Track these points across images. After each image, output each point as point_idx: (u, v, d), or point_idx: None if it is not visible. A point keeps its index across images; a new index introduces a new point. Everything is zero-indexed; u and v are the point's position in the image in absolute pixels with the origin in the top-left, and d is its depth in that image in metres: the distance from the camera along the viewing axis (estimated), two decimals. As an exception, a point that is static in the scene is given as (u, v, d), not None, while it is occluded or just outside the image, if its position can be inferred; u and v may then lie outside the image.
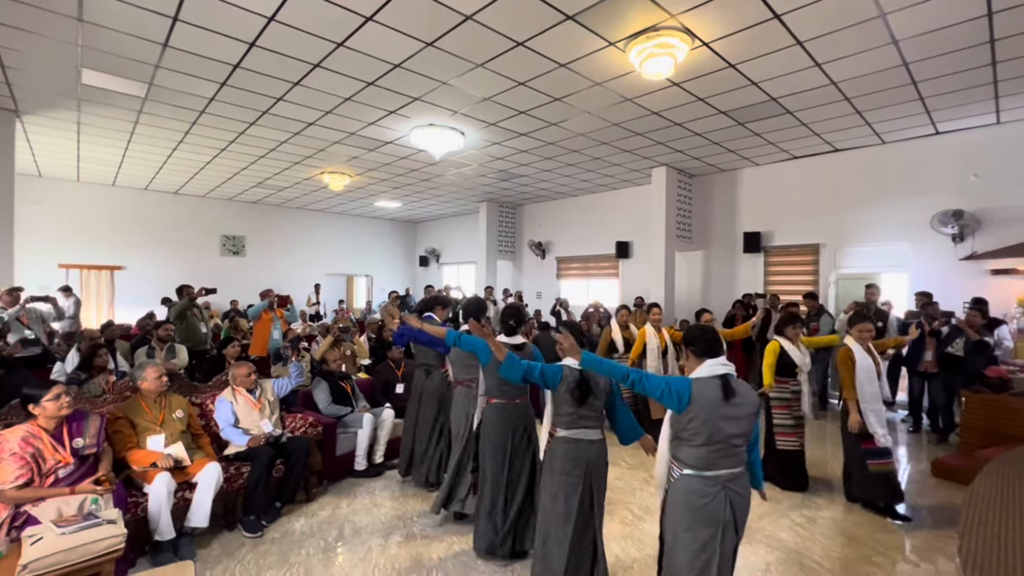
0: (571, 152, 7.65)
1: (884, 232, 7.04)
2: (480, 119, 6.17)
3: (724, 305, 8.09)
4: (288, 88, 5.25)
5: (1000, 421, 4.50)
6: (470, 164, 8.43)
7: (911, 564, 3.05)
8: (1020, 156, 5.96)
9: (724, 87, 5.14)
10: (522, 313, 3.15)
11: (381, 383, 5.05)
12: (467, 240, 13.50)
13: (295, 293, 10.62)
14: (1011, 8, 3.65)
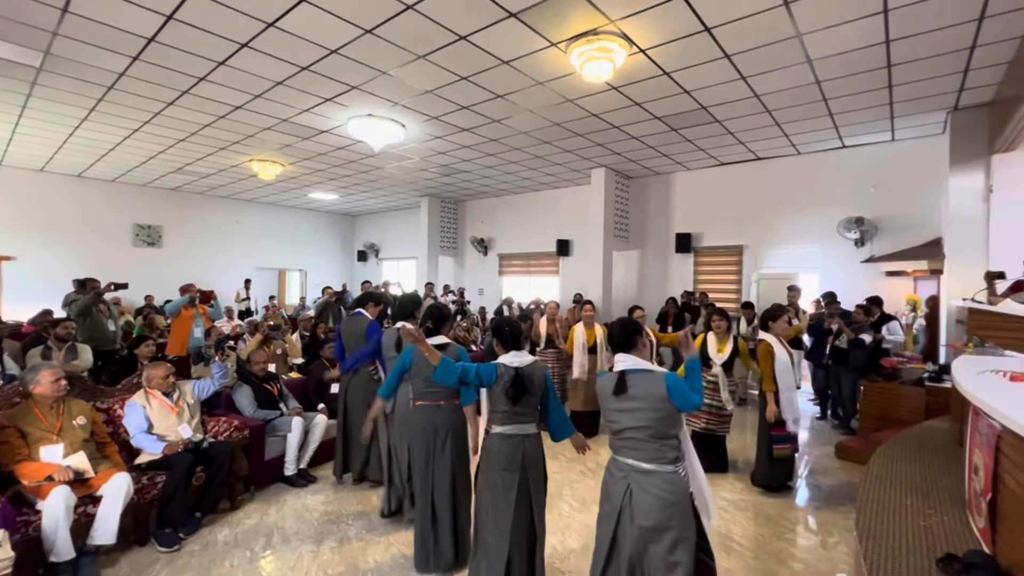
0: (514, 150, 7.68)
1: (799, 236, 7.66)
2: (422, 112, 6.05)
3: (658, 302, 8.47)
4: (211, 68, 4.87)
5: (892, 407, 5.04)
6: (411, 157, 8.25)
7: (817, 538, 3.35)
8: (911, 171, 6.69)
9: (659, 94, 5.36)
10: (444, 313, 3.06)
11: (314, 383, 4.84)
12: (408, 235, 13.22)
13: (221, 288, 9.94)
14: (906, 37, 4.07)
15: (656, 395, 2.05)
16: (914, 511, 2.43)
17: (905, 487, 2.73)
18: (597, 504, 3.73)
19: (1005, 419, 1.77)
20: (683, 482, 2.04)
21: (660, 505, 1.99)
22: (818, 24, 3.90)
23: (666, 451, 2.05)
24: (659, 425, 2.04)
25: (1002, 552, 1.87)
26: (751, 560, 3.05)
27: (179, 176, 9.89)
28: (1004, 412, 1.78)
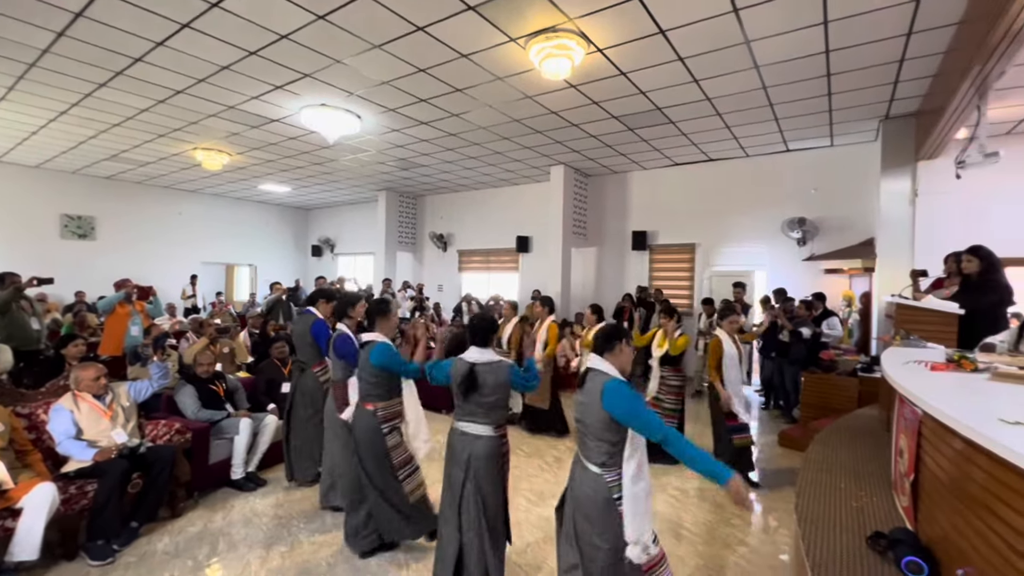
0: (473, 145, 7.63)
1: (747, 235, 8.01)
2: (378, 103, 5.90)
3: (615, 299, 8.65)
4: (149, 48, 4.56)
5: (829, 397, 5.36)
6: (368, 150, 8.04)
7: (761, 522, 3.53)
8: (847, 175, 7.12)
9: (616, 93, 5.45)
10: (380, 308, 2.96)
11: (264, 382, 4.65)
12: (365, 230, 12.91)
13: (163, 284, 9.39)
14: (843, 48, 4.32)
15: (594, 392, 2.05)
16: (847, 493, 2.60)
17: (839, 471, 2.91)
18: (555, 499, 3.79)
19: (926, 405, 1.91)
20: (605, 487, 2.01)
21: (585, 501, 2.05)
22: (765, 32, 4.08)
23: (596, 454, 2.05)
24: (596, 426, 2.03)
25: (922, 528, 2.02)
26: (700, 546, 3.17)
27: (114, 164, 9.23)
28: (925, 399, 1.92)
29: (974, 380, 2.29)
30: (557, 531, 2.26)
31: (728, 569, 2.93)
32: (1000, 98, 4.90)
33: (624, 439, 2.02)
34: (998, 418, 1.58)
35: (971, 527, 1.61)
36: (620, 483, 2.01)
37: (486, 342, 2.50)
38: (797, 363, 6.02)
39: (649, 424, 1.95)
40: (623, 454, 2.02)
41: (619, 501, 2.01)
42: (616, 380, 2.06)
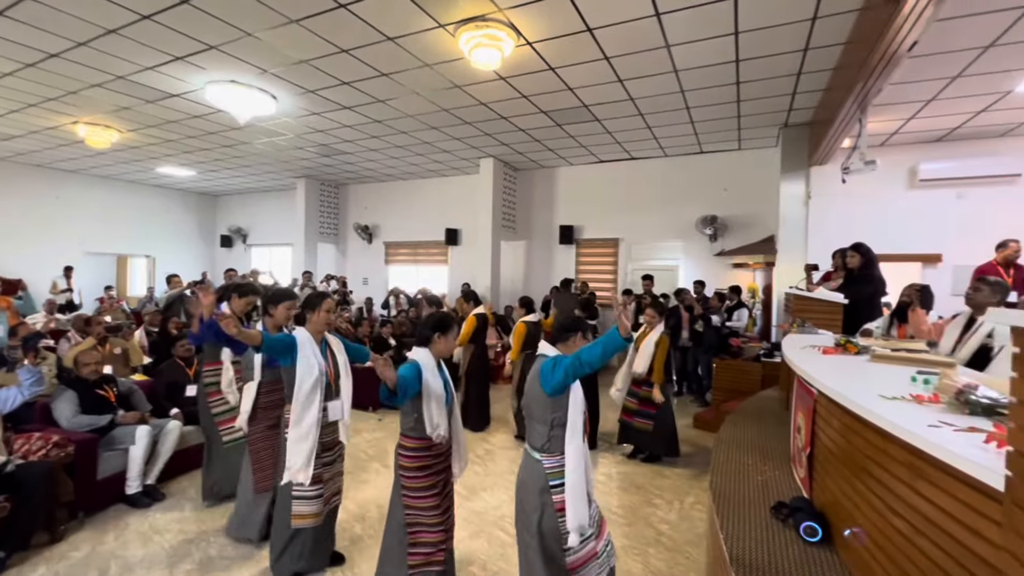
0: (400, 133, 7.39)
1: (665, 231, 8.47)
2: (297, 84, 5.52)
3: (544, 291, 8.81)
4: (11, 1, 3.92)
5: (737, 381, 5.83)
6: (285, 134, 7.52)
7: (679, 500, 3.75)
8: (753, 177, 7.73)
9: (545, 88, 5.51)
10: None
11: (165, 385, 4.20)
12: (282, 219, 12.10)
13: (34, 276, 8.21)
14: (751, 59, 4.66)
15: (535, 375, 2.12)
16: (753, 469, 2.83)
17: (747, 449, 3.17)
18: (486, 491, 3.80)
19: (819, 385, 2.12)
20: (543, 473, 2.05)
21: (521, 487, 2.14)
22: (683, 37, 4.30)
23: (537, 437, 2.10)
24: (534, 406, 2.11)
25: (817, 496, 2.25)
26: (625, 527, 3.32)
27: (-31, 136, 7.88)
28: (818, 380, 2.13)
29: (857, 362, 2.58)
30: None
31: (651, 546, 3.09)
32: (877, 113, 5.56)
33: (564, 422, 2.05)
34: (878, 394, 1.79)
35: (856, 492, 1.80)
36: (559, 470, 2.04)
37: (425, 341, 2.40)
38: (710, 351, 6.49)
39: (568, 366, 2.00)
40: (564, 438, 2.05)
41: (556, 489, 2.03)
42: (553, 357, 2.12)
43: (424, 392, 2.23)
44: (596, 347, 1.98)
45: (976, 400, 1.53)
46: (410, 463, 2.29)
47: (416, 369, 2.25)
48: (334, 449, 2.69)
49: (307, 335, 2.60)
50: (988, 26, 3.80)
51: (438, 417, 2.26)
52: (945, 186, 6.64)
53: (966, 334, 3.02)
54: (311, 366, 2.52)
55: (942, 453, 1.27)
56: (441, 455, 2.37)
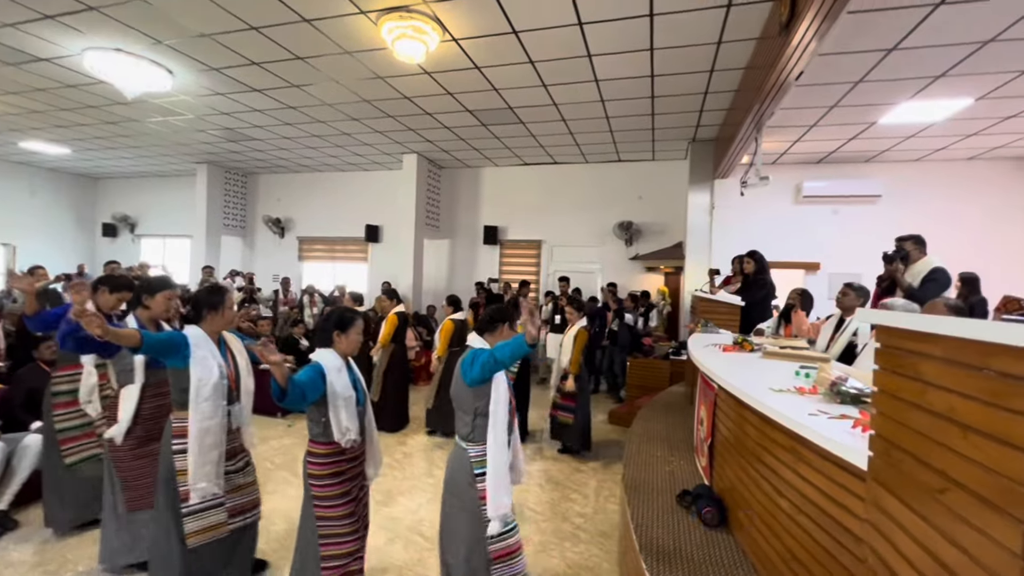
0: (317, 122, 6.99)
1: (585, 234, 8.78)
2: (197, 59, 5.02)
3: (468, 291, 8.77)
4: None
5: (648, 377, 6.18)
6: (183, 113, 6.81)
7: (594, 494, 3.89)
8: (665, 186, 8.24)
9: (471, 87, 5.48)
10: (215, 298, 2.42)
11: (24, 393, 3.62)
12: (179, 208, 10.98)
13: None
14: (665, 75, 4.97)
15: (459, 365, 2.14)
16: (662, 460, 3.00)
17: (656, 441, 3.36)
18: (403, 496, 3.69)
19: (720, 380, 2.29)
20: (469, 462, 2.07)
21: (449, 479, 2.15)
22: (605, 48, 4.48)
23: (462, 426, 2.13)
24: (459, 397, 2.13)
25: (716, 482, 2.43)
26: (542, 523, 3.38)
27: None
28: (719, 375, 2.30)
29: (752, 358, 2.83)
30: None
31: (567, 540, 3.17)
32: (771, 134, 6.16)
33: (487, 411, 2.07)
34: (768, 388, 1.97)
35: (749, 477, 1.97)
36: (483, 458, 2.06)
37: (326, 342, 2.26)
38: (625, 349, 6.82)
39: (484, 362, 2.02)
40: (487, 425, 2.06)
41: (481, 477, 2.05)
42: (476, 348, 2.14)
43: (329, 395, 2.12)
44: (506, 348, 2.02)
45: (846, 391, 1.73)
46: (320, 470, 2.16)
47: (316, 372, 2.12)
48: (238, 457, 2.46)
49: (201, 333, 2.32)
50: (858, 64, 4.35)
51: (347, 420, 2.14)
52: (823, 203, 7.52)
53: (837, 333, 3.42)
54: (210, 367, 2.26)
55: (818, 439, 1.41)
56: (354, 459, 2.26)
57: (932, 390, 0.95)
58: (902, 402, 1.04)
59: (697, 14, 3.82)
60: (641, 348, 6.67)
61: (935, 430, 0.93)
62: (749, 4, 3.66)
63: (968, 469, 0.84)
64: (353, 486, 2.24)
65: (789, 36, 3.38)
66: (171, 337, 2.27)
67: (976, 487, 0.82)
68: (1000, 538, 0.77)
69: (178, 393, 2.29)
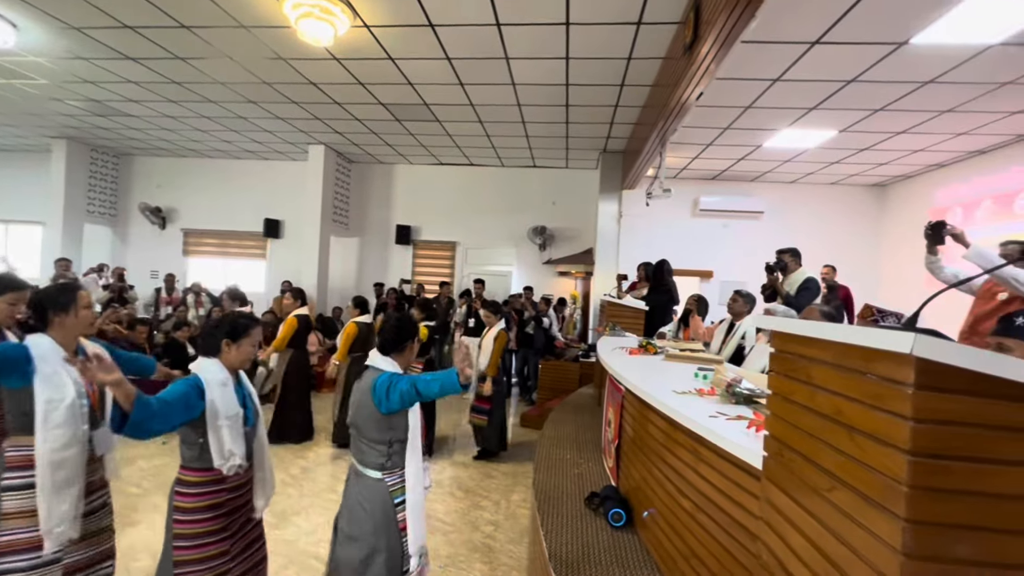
0: (208, 102, 6.28)
1: (500, 237, 8.81)
2: (52, 15, 4.26)
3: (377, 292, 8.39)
4: None
5: (560, 380, 6.30)
6: (35, 78, 5.78)
7: (505, 500, 3.85)
8: (578, 194, 8.51)
9: (384, 79, 5.24)
10: (63, 298, 2.00)
11: None
12: (28, 189, 9.33)
13: None
14: (579, 85, 5.10)
15: (366, 392, 1.95)
16: (571, 463, 3.03)
17: (566, 443, 3.39)
18: (300, 516, 3.38)
19: (627, 382, 2.35)
20: (387, 492, 1.92)
21: (358, 511, 1.94)
22: (522, 52, 4.49)
23: (374, 456, 1.95)
24: (366, 425, 1.95)
25: (622, 483, 2.49)
26: (452, 534, 3.27)
27: None
28: (626, 377, 2.36)
29: (655, 361, 2.96)
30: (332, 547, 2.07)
31: (477, 551, 3.09)
32: (673, 149, 6.59)
33: (404, 438, 1.94)
34: (671, 390, 2.04)
35: (653, 476, 2.02)
36: (402, 487, 1.93)
37: (213, 350, 1.92)
38: (539, 352, 6.91)
39: (405, 392, 1.89)
40: (404, 453, 1.94)
41: (399, 508, 1.92)
42: (386, 374, 1.97)
43: (209, 413, 1.77)
44: (434, 384, 1.90)
45: (740, 391, 1.83)
46: (191, 502, 1.79)
47: (191, 387, 1.76)
48: (95, 495, 2.04)
49: (49, 344, 1.89)
50: (749, 90, 4.79)
51: (231, 443, 1.81)
52: (716, 216, 8.22)
53: (728, 336, 3.71)
54: (61, 385, 1.84)
55: (717, 439, 1.47)
56: (237, 489, 1.90)
57: (821, 393, 1.00)
58: (794, 405, 1.09)
59: (610, 28, 3.95)
60: (553, 350, 6.80)
61: (824, 431, 0.98)
62: (657, 24, 3.86)
63: (853, 468, 0.88)
64: (232, 520, 1.89)
65: (691, 58, 3.60)
66: (8, 349, 1.84)
67: (860, 486, 0.86)
68: (881, 534, 0.81)
69: (17, 417, 1.85)
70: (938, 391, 0.77)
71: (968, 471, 0.78)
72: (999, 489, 0.78)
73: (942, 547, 0.77)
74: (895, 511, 0.78)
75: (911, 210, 7.30)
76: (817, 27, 3.62)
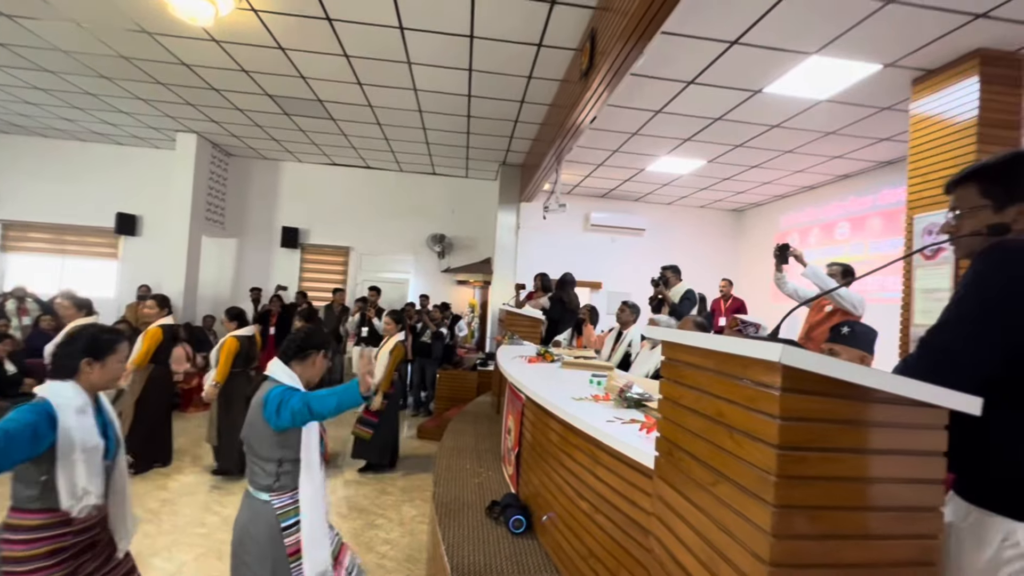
0: (43, 71, 5.29)
1: (398, 244, 8.57)
2: None
3: (261, 298, 7.66)
4: None
5: (458, 389, 6.26)
6: None
7: (401, 517, 3.71)
8: (477, 203, 8.59)
9: (273, 69, 4.85)
10: None
11: None
12: None
13: None
14: (482, 97, 5.18)
15: (258, 406, 1.79)
16: (471, 472, 3.02)
17: (466, 454, 3.38)
18: (160, 556, 2.93)
19: (527, 390, 2.41)
20: (273, 516, 1.76)
21: (244, 537, 1.77)
22: (426, 59, 4.45)
23: (263, 476, 1.78)
24: (257, 442, 1.78)
25: (522, 490, 2.54)
26: (343, 558, 3.06)
27: None
28: (526, 385, 2.42)
29: (553, 368, 3.08)
30: None
31: (371, 572, 2.93)
32: (568, 167, 6.96)
33: (297, 456, 1.78)
34: (570, 396, 2.14)
35: (552, 481, 2.10)
36: (294, 508, 1.76)
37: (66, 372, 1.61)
38: (437, 362, 6.80)
39: (297, 412, 1.73)
40: (298, 473, 1.78)
41: (288, 532, 1.74)
42: (281, 386, 1.80)
43: (62, 446, 1.47)
44: (331, 399, 1.77)
45: (631, 396, 1.97)
46: (24, 551, 1.46)
47: (40, 415, 1.46)
48: None
49: None
50: (636, 118, 5.24)
51: (86, 479, 1.52)
52: (605, 232, 8.83)
53: (617, 344, 3.99)
54: None
55: (614, 443, 1.56)
56: (88, 531, 1.61)
57: (706, 397, 1.11)
58: (682, 408, 1.20)
59: (513, 46, 4.08)
60: (451, 359, 6.75)
61: (708, 431, 1.09)
62: (556, 48, 4.07)
63: (733, 464, 0.99)
64: (83, 563, 1.58)
65: (587, 84, 3.85)
66: None
67: (739, 479, 0.97)
68: (756, 519, 0.92)
69: None
70: (798, 393, 0.90)
71: (818, 460, 0.92)
72: (837, 473, 0.93)
73: (801, 527, 0.89)
74: (766, 499, 0.90)
75: (761, 234, 8.51)
76: (692, 68, 4.09)
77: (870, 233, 6.29)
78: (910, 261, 3.81)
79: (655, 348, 3.18)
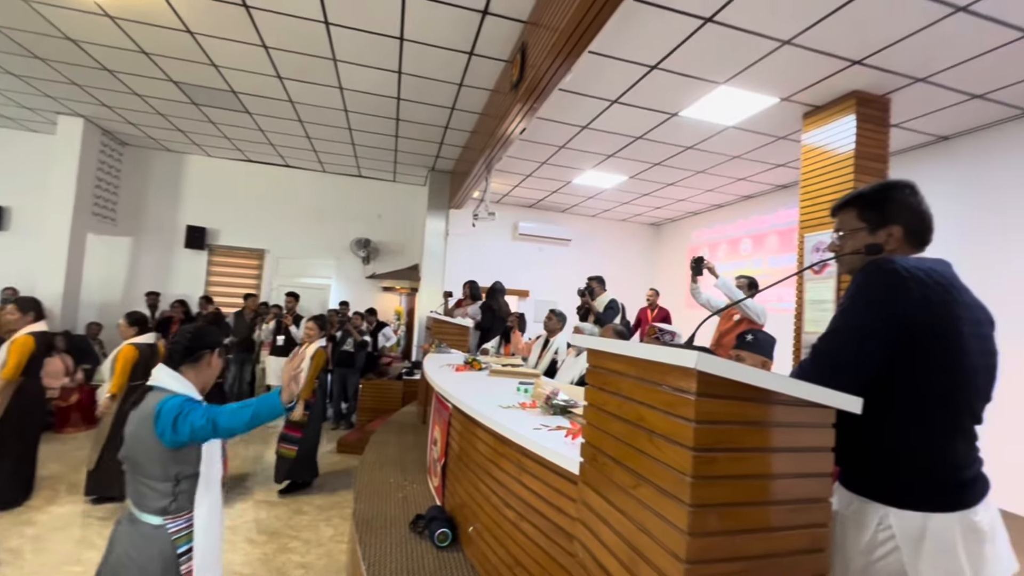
0: None
1: (318, 248, 8.15)
2: None
3: (160, 304, 6.92)
4: None
5: (382, 399, 6.04)
6: None
7: (318, 537, 3.49)
8: (404, 208, 8.40)
9: (180, 53, 4.44)
10: None
11: None
12: None
13: None
14: (411, 101, 5.09)
15: (145, 418, 1.57)
16: (395, 486, 2.92)
17: (389, 466, 3.26)
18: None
19: (455, 400, 2.37)
20: (168, 541, 1.58)
21: (120, 569, 1.55)
22: (352, 58, 4.29)
23: (154, 499, 1.58)
24: (146, 460, 1.57)
25: (448, 501, 2.49)
26: (251, 587, 2.82)
27: None
28: (453, 394, 2.39)
29: (481, 377, 3.06)
30: None
31: (282, 601, 2.72)
32: (498, 176, 7.02)
33: (195, 473, 1.60)
34: (498, 405, 2.13)
35: (479, 491, 2.07)
36: (189, 532, 1.59)
37: None
38: (359, 371, 6.52)
39: (199, 429, 1.56)
40: (195, 492, 1.60)
41: (184, 559, 1.57)
42: (178, 398, 1.60)
43: None
44: (243, 412, 1.63)
45: (557, 403, 2.01)
46: None
47: None
48: None
49: None
50: (564, 132, 5.40)
51: None
52: (533, 241, 9.00)
53: (544, 351, 4.06)
54: None
55: (540, 450, 1.58)
56: None
57: (628, 403, 1.16)
58: (606, 413, 1.24)
59: (444, 52, 4.06)
60: (376, 369, 6.51)
61: (630, 436, 1.13)
62: (488, 58, 4.11)
63: (653, 467, 1.04)
64: None
65: (517, 96, 3.92)
66: None
67: (658, 481, 1.02)
68: (673, 519, 0.96)
69: None
70: (711, 397, 0.96)
71: (727, 459, 0.98)
72: (743, 472, 1.00)
73: (712, 524, 0.95)
74: (683, 499, 0.94)
75: (675, 247, 9.10)
76: (616, 88, 4.30)
77: (769, 249, 6.95)
78: (802, 275, 4.25)
79: (580, 355, 3.27)
